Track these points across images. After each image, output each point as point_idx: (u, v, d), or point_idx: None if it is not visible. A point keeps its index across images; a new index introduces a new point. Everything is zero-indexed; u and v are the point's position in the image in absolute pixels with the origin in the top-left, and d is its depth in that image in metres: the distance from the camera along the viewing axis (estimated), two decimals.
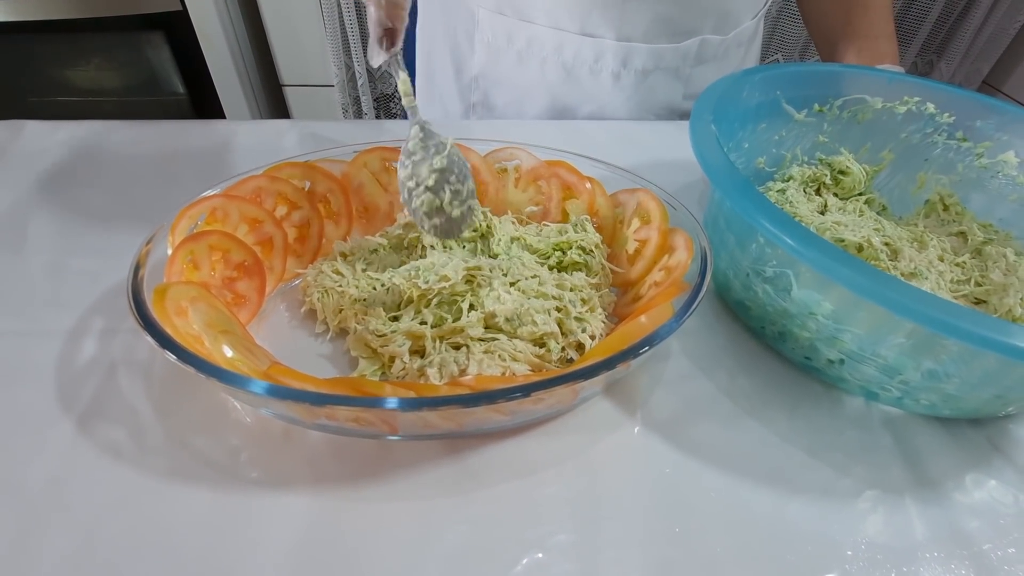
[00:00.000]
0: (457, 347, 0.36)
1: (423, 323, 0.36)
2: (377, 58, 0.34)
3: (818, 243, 0.29)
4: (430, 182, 0.35)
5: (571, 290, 0.38)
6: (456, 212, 0.36)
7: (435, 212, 0.36)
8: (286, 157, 0.42)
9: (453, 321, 0.36)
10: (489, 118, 0.70)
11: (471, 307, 0.36)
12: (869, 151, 0.51)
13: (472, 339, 0.35)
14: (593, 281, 0.39)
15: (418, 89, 0.77)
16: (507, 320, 0.35)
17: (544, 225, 0.43)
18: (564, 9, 0.59)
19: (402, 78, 0.34)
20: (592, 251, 0.41)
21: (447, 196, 0.35)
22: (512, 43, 0.63)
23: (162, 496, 0.30)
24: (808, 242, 0.29)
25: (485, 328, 0.36)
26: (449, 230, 0.37)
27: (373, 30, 0.33)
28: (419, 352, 0.35)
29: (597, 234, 0.42)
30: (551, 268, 0.40)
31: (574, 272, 0.40)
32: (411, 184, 0.35)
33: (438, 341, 0.35)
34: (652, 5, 0.58)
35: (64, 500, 0.30)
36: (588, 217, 0.43)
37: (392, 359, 0.35)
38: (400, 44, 0.33)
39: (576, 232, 0.41)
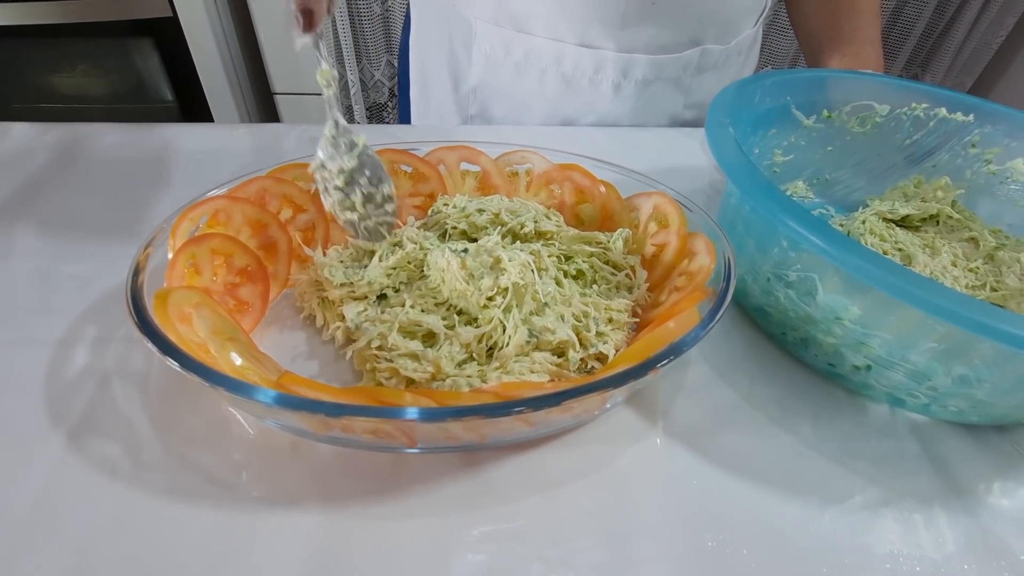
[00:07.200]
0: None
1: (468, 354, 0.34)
2: (297, 40, 0.33)
3: (850, 245, 0.29)
4: (339, 182, 0.35)
5: (606, 310, 0.36)
6: (371, 219, 0.36)
7: (350, 211, 0.36)
8: (286, 160, 0.41)
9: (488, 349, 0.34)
10: None
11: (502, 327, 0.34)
12: (877, 156, 0.51)
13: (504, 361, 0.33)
14: (632, 303, 0.37)
15: (414, 101, 0.75)
16: (531, 335, 0.33)
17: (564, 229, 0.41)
18: (563, 20, 0.58)
19: (323, 67, 0.34)
20: (633, 273, 0.39)
21: (359, 198, 0.36)
22: (510, 54, 0.62)
23: (160, 516, 0.28)
24: (840, 244, 0.29)
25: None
26: (369, 233, 0.37)
27: (287, 5, 0.32)
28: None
29: (634, 256, 0.40)
30: (567, 275, 0.39)
31: (616, 295, 0.38)
32: (322, 181, 0.36)
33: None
34: (653, 17, 0.57)
35: (54, 521, 0.28)
36: (629, 231, 0.40)
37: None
38: (319, 27, 0.33)
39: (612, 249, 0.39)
